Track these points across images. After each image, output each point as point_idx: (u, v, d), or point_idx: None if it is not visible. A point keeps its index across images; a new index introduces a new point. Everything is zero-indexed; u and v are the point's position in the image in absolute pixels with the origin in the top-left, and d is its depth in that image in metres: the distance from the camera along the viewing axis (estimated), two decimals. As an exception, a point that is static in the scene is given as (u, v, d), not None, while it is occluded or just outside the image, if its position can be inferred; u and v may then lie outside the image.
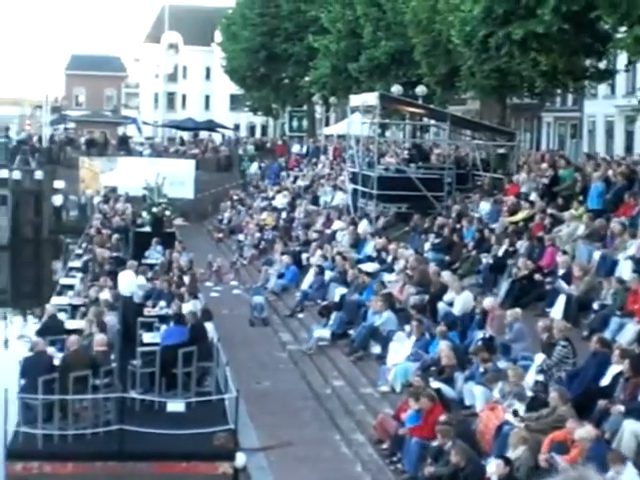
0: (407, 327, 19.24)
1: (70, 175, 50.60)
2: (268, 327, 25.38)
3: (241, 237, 37.96)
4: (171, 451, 16.10)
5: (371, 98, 31.58)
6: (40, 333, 18.71)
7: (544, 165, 28.96)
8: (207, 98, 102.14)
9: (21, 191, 49.12)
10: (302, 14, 53.97)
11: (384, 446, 15.64)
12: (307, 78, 52.82)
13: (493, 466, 12.77)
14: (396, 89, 37.80)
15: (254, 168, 52.89)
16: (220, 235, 41.64)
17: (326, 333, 21.84)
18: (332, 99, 52.49)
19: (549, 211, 23.94)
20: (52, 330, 18.89)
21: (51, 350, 17.61)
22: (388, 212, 31.20)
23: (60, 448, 16.22)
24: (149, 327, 20.58)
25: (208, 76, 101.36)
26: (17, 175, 49.29)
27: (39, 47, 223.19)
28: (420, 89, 38.34)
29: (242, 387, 17.20)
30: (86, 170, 50.57)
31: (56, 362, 16.84)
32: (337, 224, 31.74)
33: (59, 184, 50.07)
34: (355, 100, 34.16)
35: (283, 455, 16.26)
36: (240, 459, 16.05)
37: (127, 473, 16.06)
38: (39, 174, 49.45)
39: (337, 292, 23.91)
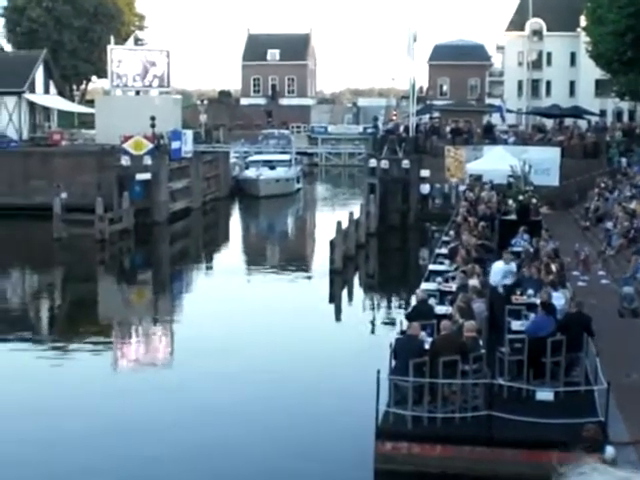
0: None
1: (435, 164, 51.55)
2: (638, 318, 24.61)
3: (609, 225, 36.93)
4: (539, 440, 16.00)
5: None
6: (410, 317, 19.18)
7: None
8: (572, 84, 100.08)
9: (389, 180, 50.58)
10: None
11: None
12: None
13: None
14: None
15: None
16: (586, 224, 40.74)
17: None
18: None
19: None
20: (422, 315, 19.33)
21: (422, 334, 18.05)
22: None
23: (429, 430, 16.58)
24: (517, 315, 20.59)
25: (573, 62, 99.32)
26: (385, 164, 50.79)
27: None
28: None
29: (610, 379, 16.77)
30: (451, 159, 51.27)
31: (426, 346, 17.23)
32: None
33: (425, 173, 51.12)
34: None
35: (654, 450, 15.74)
36: (609, 452, 15.67)
37: (494, 459, 16.14)
38: (406, 163, 50.66)
39: None
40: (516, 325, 19.88)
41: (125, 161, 52.54)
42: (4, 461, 18.44)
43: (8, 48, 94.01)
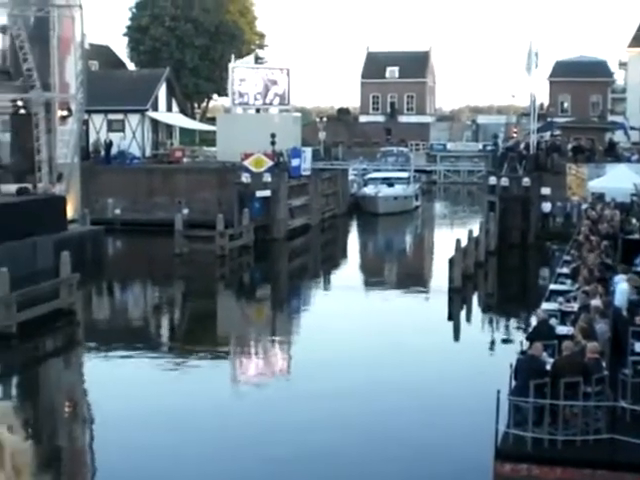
0: None
1: (556, 182, 50.90)
2: None
3: None
4: (664, 465, 15.63)
5: None
6: (531, 338, 18.94)
7: None
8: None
9: (509, 198, 50.09)
10: None
11: None
12: None
13: None
14: None
15: None
16: None
17: None
18: None
19: None
20: (543, 335, 19.04)
21: (543, 355, 17.79)
22: None
23: (549, 452, 16.28)
24: (640, 337, 20.16)
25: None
26: (505, 182, 50.33)
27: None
28: None
29: None
30: (573, 177, 50.58)
31: (547, 367, 16.97)
32: None
33: (546, 190, 50.49)
34: None
35: None
36: None
37: (615, 483, 15.81)
38: (526, 181, 50.12)
39: None
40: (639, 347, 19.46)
41: (245, 178, 53.17)
42: (125, 471, 18.87)
43: (132, 67, 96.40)
